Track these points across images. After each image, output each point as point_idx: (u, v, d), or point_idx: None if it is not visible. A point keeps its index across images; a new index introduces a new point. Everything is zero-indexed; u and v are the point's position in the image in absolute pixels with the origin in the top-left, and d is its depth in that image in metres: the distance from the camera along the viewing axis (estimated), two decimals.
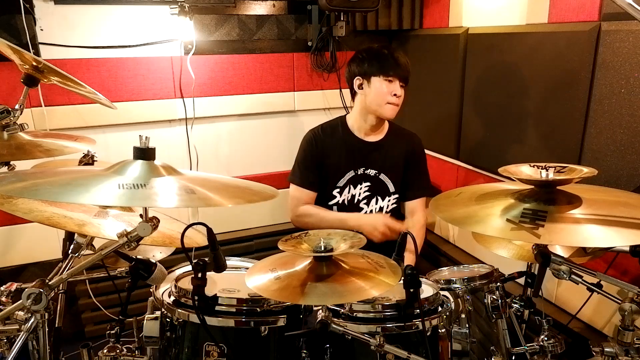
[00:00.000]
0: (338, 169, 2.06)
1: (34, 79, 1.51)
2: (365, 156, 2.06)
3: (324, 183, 2.09)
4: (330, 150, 2.06)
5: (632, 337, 1.07)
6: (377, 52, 1.97)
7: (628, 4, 0.97)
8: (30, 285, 1.05)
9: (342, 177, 2.06)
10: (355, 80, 2.01)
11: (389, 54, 1.95)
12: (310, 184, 2.07)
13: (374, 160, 2.05)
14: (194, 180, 1.07)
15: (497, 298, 1.38)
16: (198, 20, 2.38)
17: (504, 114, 2.01)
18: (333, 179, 2.07)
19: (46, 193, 0.95)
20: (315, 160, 2.07)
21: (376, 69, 1.94)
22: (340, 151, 2.06)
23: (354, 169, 2.05)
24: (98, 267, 1.52)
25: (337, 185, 2.07)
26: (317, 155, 2.06)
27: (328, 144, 2.07)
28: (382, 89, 1.94)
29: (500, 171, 1.19)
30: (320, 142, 2.08)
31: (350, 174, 2.06)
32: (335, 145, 2.07)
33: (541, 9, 1.80)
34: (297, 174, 2.09)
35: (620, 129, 1.55)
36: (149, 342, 1.30)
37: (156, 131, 2.43)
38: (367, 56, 1.98)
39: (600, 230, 0.96)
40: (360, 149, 2.06)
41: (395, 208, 2.11)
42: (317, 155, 2.06)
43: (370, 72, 1.96)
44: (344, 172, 2.06)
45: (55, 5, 2.15)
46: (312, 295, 1.11)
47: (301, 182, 2.07)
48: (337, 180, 2.07)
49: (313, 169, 2.07)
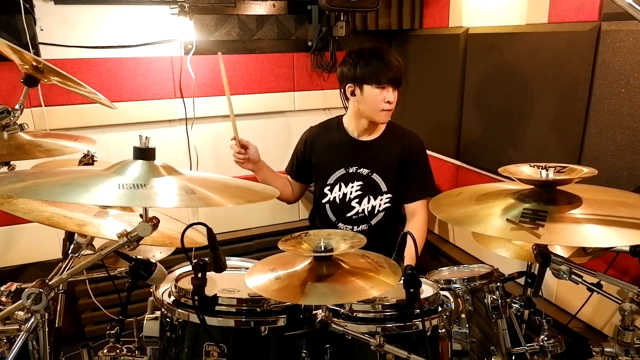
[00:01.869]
0: (328, 167, 2.09)
1: (34, 79, 1.51)
2: (357, 155, 2.06)
3: (316, 181, 2.15)
4: (321, 149, 2.12)
5: (632, 337, 1.07)
6: (368, 56, 1.92)
7: (628, 4, 0.97)
8: (30, 285, 1.05)
9: (331, 174, 2.08)
10: (348, 87, 1.99)
11: (380, 59, 1.90)
12: (297, 175, 2.23)
13: (366, 160, 2.05)
14: (194, 180, 1.07)
15: (497, 298, 1.38)
16: (198, 20, 2.38)
17: (504, 114, 2.01)
18: (323, 177, 2.11)
19: (46, 193, 0.95)
20: (307, 157, 2.17)
21: (368, 77, 1.91)
22: (332, 150, 2.09)
23: (345, 167, 2.06)
24: (98, 267, 1.52)
25: (327, 182, 2.09)
26: (307, 152, 2.16)
27: (320, 142, 2.13)
28: (375, 97, 1.92)
29: (500, 171, 1.19)
30: (312, 139, 2.16)
31: (340, 172, 2.07)
32: (329, 144, 2.11)
33: (541, 9, 1.80)
34: (289, 164, 2.28)
35: (620, 129, 1.55)
36: (149, 342, 1.30)
37: (156, 131, 2.43)
38: (358, 61, 1.93)
39: (600, 230, 0.96)
40: (353, 148, 2.07)
41: (389, 207, 2.09)
42: (307, 152, 2.16)
43: (362, 80, 1.92)
44: (334, 170, 2.08)
45: (55, 5, 2.15)
46: (312, 295, 1.11)
47: (289, 171, 2.27)
48: (327, 178, 2.09)
49: (302, 164, 2.19)
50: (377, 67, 1.90)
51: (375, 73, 1.90)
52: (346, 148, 2.08)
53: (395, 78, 1.91)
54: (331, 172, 2.08)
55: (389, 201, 2.08)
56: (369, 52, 1.94)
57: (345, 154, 2.07)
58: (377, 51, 1.94)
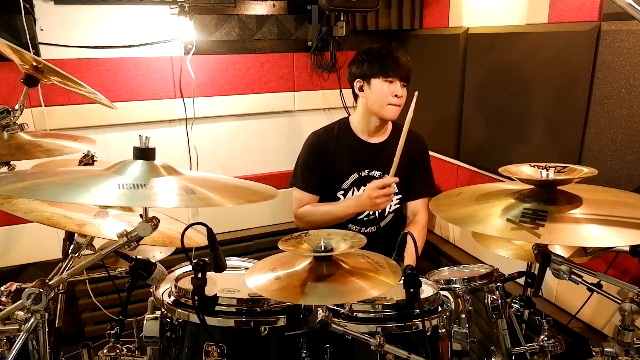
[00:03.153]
0: (342, 172, 2.06)
1: (34, 79, 1.51)
2: (369, 158, 2.05)
3: (328, 186, 2.08)
4: (334, 154, 2.06)
5: (632, 337, 1.07)
6: (376, 52, 1.95)
7: (628, 4, 0.97)
8: (30, 285, 1.04)
9: (346, 179, 2.06)
10: (356, 83, 2.00)
11: (388, 54, 1.93)
12: (312, 187, 2.07)
13: (378, 162, 2.05)
14: (194, 180, 1.07)
15: (497, 298, 1.38)
16: (198, 20, 2.38)
17: (504, 114, 2.01)
18: (337, 182, 2.07)
19: (46, 193, 0.95)
20: (319, 165, 2.06)
21: (376, 70, 1.93)
22: (343, 154, 2.06)
23: (358, 171, 2.05)
24: (98, 267, 1.52)
25: (341, 187, 2.07)
26: (321, 159, 2.06)
27: (332, 148, 2.06)
28: (382, 91, 1.92)
29: (501, 171, 1.19)
30: (323, 145, 2.06)
31: (354, 176, 2.06)
32: (339, 149, 2.06)
33: (541, 9, 1.80)
34: (299, 177, 2.08)
35: (620, 129, 1.54)
36: (149, 342, 1.30)
37: (156, 131, 2.43)
38: (367, 57, 1.96)
39: (600, 230, 0.96)
40: (365, 151, 2.06)
41: (398, 208, 2.11)
42: (320, 159, 2.06)
43: (370, 74, 1.94)
44: (348, 174, 2.05)
45: (55, 5, 2.15)
46: (312, 295, 1.11)
47: (303, 186, 2.07)
48: (341, 183, 2.06)
49: (315, 173, 2.06)
50: (385, 61, 1.92)
51: (383, 67, 1.92)
52: (358, 152, 2.06)
53: (403, 73, 1.93)
54: (345, 177, 2.06)
55: (399, 202, 2.10)
56: (377, 49, 1.97)
57: (358, 158, 2.05)
58: (386, 48, 1.98)
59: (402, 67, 1.93)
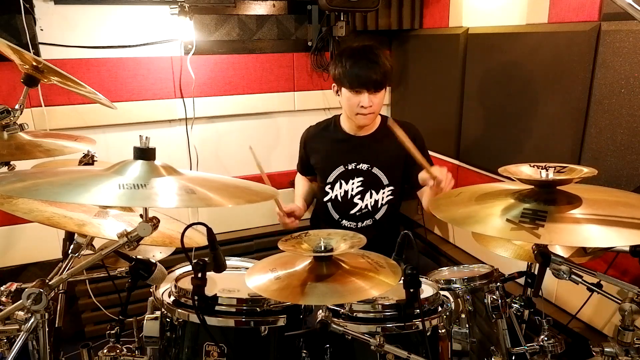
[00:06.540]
0: (326, 166, 2.10)
1: (34, 79, 1.51)
2: (356, 151, 2.06)
3: (320, 180, 2.15)
4: (318, 148, 2.15)
5: (632, 337, 1.07)
6: (348, 57, 1.90)
7: (628, 4, 0.97)
8: (30, 285, 1.04)
9: (330, 173, 2.08)
10: (333, 87, 2.03)
11: (358, 62, 1.87)
12: (305, 172, 2.30)
13: (365, 155, 2.05)
14: (194, 180, 1.07)
15: (497, 298, 1.38)
16: (198, 20, 2.38)
17: (504, 114, 2.01)
18: (323, 176, 2.12)
19: (46, 193, 0.95)
20: (305, 157, 2.21)
21: (343, 80, 1.90)
22: (328, 148, 2.11)
23: (344, 164, 2.06)
24: (98, 267, 1.53)
25: (327, 181, 2.09)
26: (306, 152, 2.19)
27: (316, 142, 2.16)
28: (350, 100, 1.92)
29: (500, 171, 1.20)
30: (309, 139, 2.19)
31: (339, 169, 2.07)
32: (324, 143, 2.13)
33: (541, 9, 1.80)
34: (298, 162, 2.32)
35: (620, 129, 1.55)
36: (149, 342, 1.30)
37: (156, 131, 2.43)
38: (339, 62, 1.92)
39: (600, 230, 0.96)
40: (350, 145, 2.07)
41: (392, 200, 2.08)
42: (306, 152, 2.20)
43: (340, 82, 1.94)
44: (332, 168, 2.08)
45: (55, 5, 2.15)
46: (312, 295, 1.11)
47: (297, 169, 2.34)
48: (326, 177, 2.10)
49: (305, 162, 2.24)
50: (352, 71, 1.88)
51: (349, 77, 1.88)
52: (343, 146, 2.08)
53: (370, 82, 1.86)
54: (330, 170, 2.08)
55: (391, 193, 2.08)
56: (351, 53, 1.92)
57: (343, 152, 2.07)
58: (359, 53, 1.91)
59: (369, 78, 1.85)
